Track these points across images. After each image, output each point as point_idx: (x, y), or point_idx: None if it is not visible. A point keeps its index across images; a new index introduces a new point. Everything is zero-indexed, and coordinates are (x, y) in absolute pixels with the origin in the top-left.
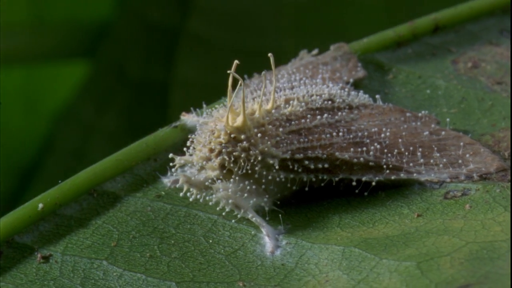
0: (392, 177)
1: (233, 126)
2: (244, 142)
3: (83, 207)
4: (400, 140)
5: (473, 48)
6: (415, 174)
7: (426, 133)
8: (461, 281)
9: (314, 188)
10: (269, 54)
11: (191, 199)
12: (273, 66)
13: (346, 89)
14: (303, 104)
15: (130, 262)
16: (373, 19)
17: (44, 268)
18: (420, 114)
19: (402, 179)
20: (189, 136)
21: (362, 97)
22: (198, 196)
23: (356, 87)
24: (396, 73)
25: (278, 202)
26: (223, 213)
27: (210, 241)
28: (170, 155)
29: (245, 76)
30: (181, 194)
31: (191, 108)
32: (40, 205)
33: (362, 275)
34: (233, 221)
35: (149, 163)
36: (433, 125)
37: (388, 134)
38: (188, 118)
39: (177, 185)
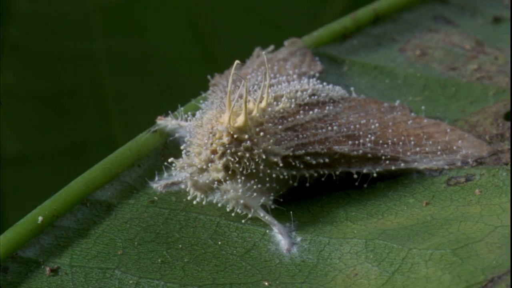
0: (393, 167)
1: (234, 127)
2: (248, 142)
3: (78, 217)
4: (390, 130)
5: (414, 35)
6: (416, 163)
7: (410, 122)
8: (507, 265)
9: (310, 183)
10: (263, 52)
11: (194, 202)
12: (266, 65)
13: (325, 83)
14: (292, 100)
15: (143, 269)
16: (173, 19)
17: (55, 281)
18: (396, 104)
19: (401, 169)
20: (186, 140)
21: (338, 90)
22: (199, 199)
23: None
24: (350, 65)
25: (281, 200)
26: (232, 214)
27: (219, 242)
28: (170, 160)
29: (209, 77)
30: (188, 198)
31: (169, 111)
32: (40, 218)
33: (395, 266)
34: (243, 221)
35: (133, 169)
36: (412, 114)
37: (377, 125)
38: (165, 122)
39: (187, 189)
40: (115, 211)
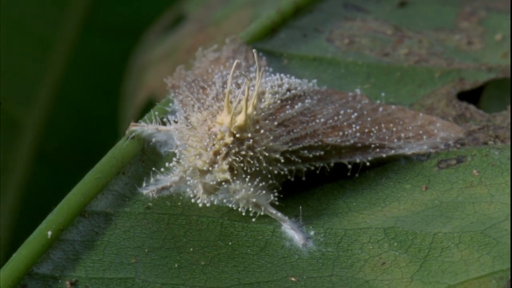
0: (384, 155)
1: (235, 126)
2: (251, 141)
3: (80, 229)
4: (368, 119)
5: (334, 25)
6: (406, 149)
7: (381, 109)
8: None
9: (301, 177)
10: (254, 50)
11: (200, 205)
12: (257, 64)
13: (293, 77)
14: (276, 96)
15: (163, 276)
16: None
17: None
18: (358, 93)
19: (390, 156)
20: (178, 144)
21: (304, 83)
22: (205, 201)
23: None
24: (289, 58)
25: (281, 196)
26: (243, 213)
27: (230, 243)
28: (171, 164)
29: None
30: (198, 201)
31: (145, 118)
32: (49, 233)
33: (424, 252)
34: (253, 220)
35: (119, 177)
36: (378, 101)
37: (356, 115)
38: (141, 128)
39: (195, 193)
40: (114, 220)
